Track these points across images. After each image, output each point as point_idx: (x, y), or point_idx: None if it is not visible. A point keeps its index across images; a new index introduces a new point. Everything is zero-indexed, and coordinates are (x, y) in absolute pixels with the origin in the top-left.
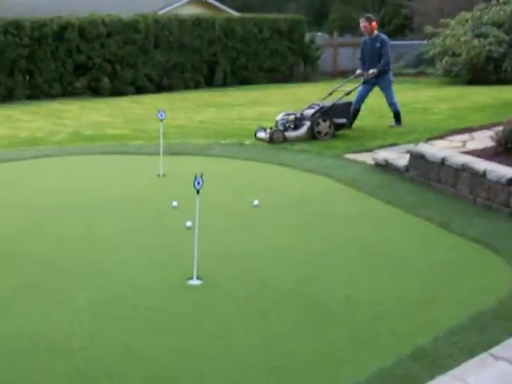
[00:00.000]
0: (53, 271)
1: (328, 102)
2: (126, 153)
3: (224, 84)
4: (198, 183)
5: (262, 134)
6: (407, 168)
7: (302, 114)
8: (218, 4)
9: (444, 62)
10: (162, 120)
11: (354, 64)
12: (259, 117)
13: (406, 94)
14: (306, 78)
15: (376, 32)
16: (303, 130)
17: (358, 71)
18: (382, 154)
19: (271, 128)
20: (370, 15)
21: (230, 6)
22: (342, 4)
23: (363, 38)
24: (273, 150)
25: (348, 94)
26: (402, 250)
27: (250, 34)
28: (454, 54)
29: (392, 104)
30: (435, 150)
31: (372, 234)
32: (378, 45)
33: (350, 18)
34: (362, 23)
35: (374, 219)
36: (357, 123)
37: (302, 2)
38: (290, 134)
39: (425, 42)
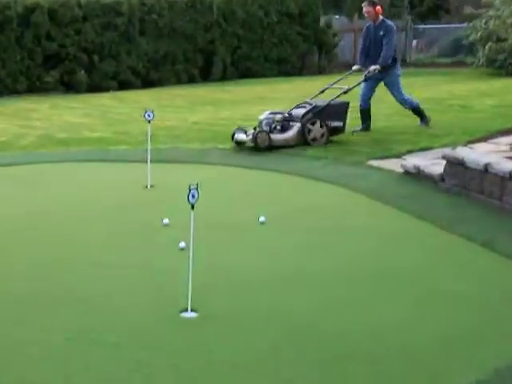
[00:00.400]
0: (15, 303)
1: (321, 101)
2: (107, 160)
3: (223, 77)
4: (193, 196)
5: (241, 136)
6: (442, 176)
7: (290, 114)
8: None
9: (487, 49)
10: (149, 121)
11: None
12: None
13: (440, 87)
14: (321, 70)
15: (381, 17)
16: (292, 132)
17: (356, 67)
18: (412, 160)
19: (255, 128)
20: None
21: None
22: None
23: (366, 24)
24: (281, 155)
25: (346, 92)
26: (435, 275)
27: (253, 17)
28: (499, 40)
29: (405, 101)
30: (477, 154)
31: (400, 255)
32: (381, 33)
33: None
34: (365, 7)
35: (402, 237)
36: (381, 123)
37: None
38: (277, 136)
39: (463, 25)
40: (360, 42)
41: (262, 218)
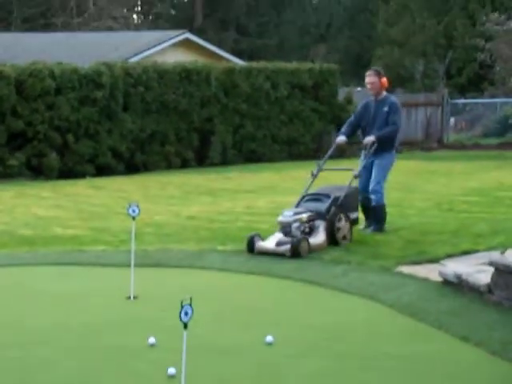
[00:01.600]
0: None
1: (334, 190)
2: (82, 263)
3: (223, 162)
4: (186, 314)
5: (267, 245)
6: (490, 287)
7: (310, 211)
8: (214, 48)
9: None
10: (134, 217)
11: (410, 132)
12: (274, 210)
13: (485, 175)
14: (340, 152)
15: (385, 92)
16: (322, 235)
17: (342, 138)
18: (453, 267)
19: (285, 234)
20: (379, 68)
21: (231, 52)
22: (390, 47)
23: (364, 100)
24: (293, 259)
25: (357, 177)
26: None
27: (259, 90)
28: None
29: (377, 192)
30: None
31: None
32: (385, 109)
33: (402, 65)
34: (370, 78)
35: (444, 365)
36: (414, 219)
37: (335, 44)
38: (312, 241)
39: (511, 100)
40: (352, 116)
41: (268, 338)
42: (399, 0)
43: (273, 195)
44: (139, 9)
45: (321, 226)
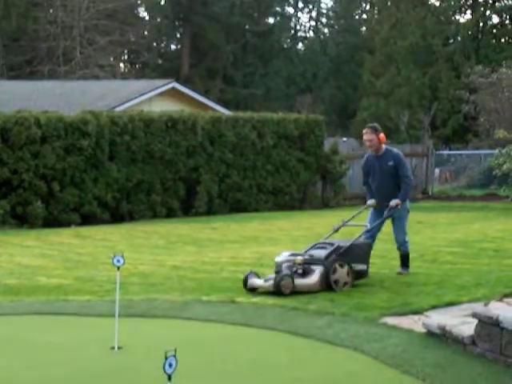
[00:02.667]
0: None
1: (342, 241)
2: (66, 313)
3: (209, 211)
4: (170, 365)
5: (257, 282)
6: (473, 339)
7: (310, 256)
8: (201, 98)
9: None
10: (118, 267)
11: None
12: (259, 260)
13: (469, 226)
14: (326, 203)
15: (384, 147)
16: (315, 277)
17: (372, 201)
18: (437, 318)
19: (276, 273)
20: (376, 124)
21: (217, 101)
22: (376, 97)
23: (366, 156)
24: (278, 310)
25: (369, 231)
26: None
27: (245, 140)
28: None
29: (404, 243)
30: None
31: None
32: (390, 163)
33: (387, 116)
34: (367, 135)
35: None
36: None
37: (321, 94)
38: (300, 281)
39: (495, 152)
40: (361, 175)
41: None
42: (384, 51)
43: (258, 245)
44: (126, 58)
45: (317, 270)
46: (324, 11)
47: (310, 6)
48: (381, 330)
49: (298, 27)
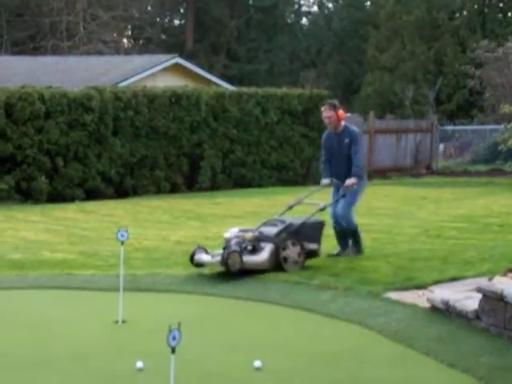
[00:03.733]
0: None
1: (294, 219)
2: (70, 287)
3: (212, 187)
4: (174, 339)
5: (205, 257)
6: (478, 314)
7: (260, 233)
8: (205, 73)
9: None
10: (122, 242)
11: (399, 158)
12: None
13: (474, 201)
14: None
15: (343, 123)
16: (265, 254)
17: (326, 181)
18: (441, 293)
19: (224, 249)
20: (335, 101)
21: (221, 77)
22: (380, 72)
23: (325, 133)
24: (281, 284)
25: (322, 210)
26: None
27: (249, 115)
28: None
29: (346, 217)
30: None
31: None
32: (346, 141)
33: (392, 91)
34: (326, 112)
35: None
36: (403, 246)
37: (325, 70)
38: (248, 258)
39: (501, 127)
40: (322, 153)
41: (256, 363)
42: (390, 26)
43: (260, 221)
44: (129, 33)
45: (267, 247)
46: None
47: None
48: (384, 304)
49: (302, 2)
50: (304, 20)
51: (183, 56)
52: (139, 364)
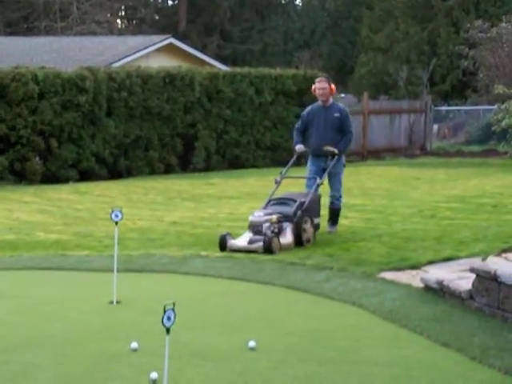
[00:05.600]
0: None
1: (300, 196)
2: (64, 268)
3: (206, 168)
4: (169, 319)
5: (240, 243)
6: (471, 294)
7: (279, 213)
8: (198, 54)
9: None
10: (116, 222)
11: (393, 138)
12: None
13: (468, 182)
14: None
15: (331, 99)
16: (290, 235)
17: (300, 147)
18: (435, 273)
19: (255, 233)
20: (328, 76)
21: (215, 57)
22: (374, 54)
23: (311, 106)
24: (276, 265)
25: (320, 184)
26: None
27: (243, 96)
28: None
29: (340, 197)
30: None
31: None
32: (336, 115)
33: (385, 72)
34: (322, 83)
35: (426, 371)
36: (397, 226)
37: (319, 50)
38: (282, 241)
39: (494, 107)
40: (298, 123)
41: (251, 343)
42: (383, 6)
43: (255, 201)
44: (123, 14)
45: (288, 227)
46: None
47: None
48: (379, 284)
49: None
50: (298, 0)
51: (177, 36)
52: (134, 344)
